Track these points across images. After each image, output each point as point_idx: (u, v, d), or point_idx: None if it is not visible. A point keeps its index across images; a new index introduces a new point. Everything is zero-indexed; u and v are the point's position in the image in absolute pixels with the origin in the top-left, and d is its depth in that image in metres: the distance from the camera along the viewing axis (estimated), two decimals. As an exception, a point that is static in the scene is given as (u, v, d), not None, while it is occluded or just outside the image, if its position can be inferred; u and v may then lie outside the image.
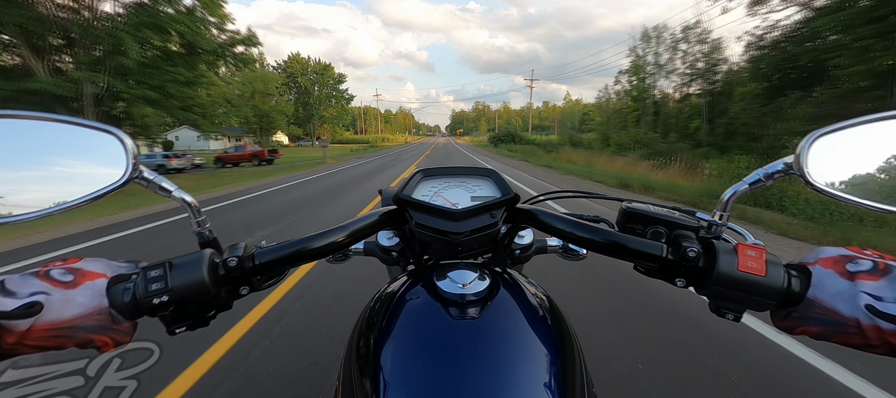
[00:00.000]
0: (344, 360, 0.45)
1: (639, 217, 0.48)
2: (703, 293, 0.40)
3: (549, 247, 0.75)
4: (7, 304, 0.30)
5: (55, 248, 4.19)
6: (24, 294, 0.31)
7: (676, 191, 7.96)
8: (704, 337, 2.11)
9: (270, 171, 14.97)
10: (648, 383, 1.73)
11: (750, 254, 0.37)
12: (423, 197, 0.54)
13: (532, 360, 0.37)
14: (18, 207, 0.35)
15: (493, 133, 52.26)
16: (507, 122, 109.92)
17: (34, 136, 0.36)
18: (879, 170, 0.37)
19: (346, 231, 0.47)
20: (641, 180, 9.51)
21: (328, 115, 67.23)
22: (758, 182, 0.40)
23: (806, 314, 0.35)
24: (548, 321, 0.43)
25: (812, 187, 0.37)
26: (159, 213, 6.07)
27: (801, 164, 0.37)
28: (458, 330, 0.39)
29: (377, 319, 0.44)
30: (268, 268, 0.42)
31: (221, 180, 11.88)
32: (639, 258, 0.43)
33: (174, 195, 0.40)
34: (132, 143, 0.38)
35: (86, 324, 0.33)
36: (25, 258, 3.84)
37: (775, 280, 0.36)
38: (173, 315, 0.37)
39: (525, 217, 0.53)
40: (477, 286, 0.42)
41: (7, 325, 0.29)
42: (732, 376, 1.78)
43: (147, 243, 4.45)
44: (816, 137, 0.37)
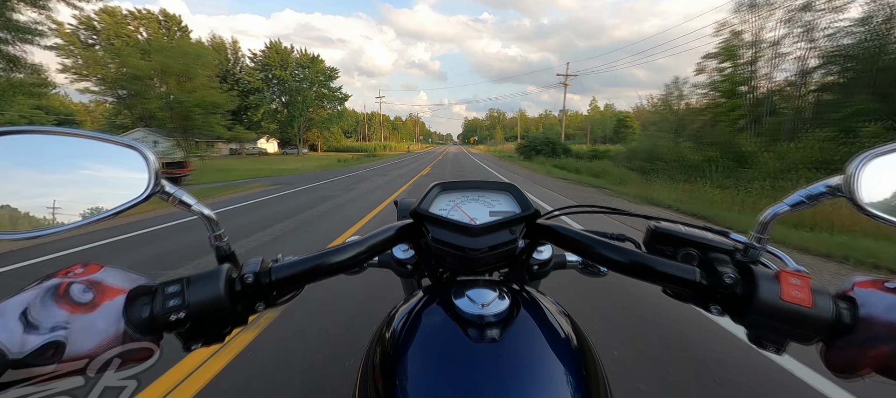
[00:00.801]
0: (360, 378, 0.44)
1: (669, 237, 0.45)
2: (741, 322, 0.37)
3: (569, 262, 0.73)
4: (30, 342, 0.29)
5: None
6: (46, 327, 0.30)
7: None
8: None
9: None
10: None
11: (794, 282, 0.35)
12: (440, 211, 0.53)
13: (556, 387, 0.35)
14: (45, 222, 0.36)
15: (524, 139, 35.86)
16: (526, 130, 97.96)
17: (61, 152, 0.37)
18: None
19: (363, 245, 0.46)
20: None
21: (317, 117, 54.96)
22: (800, 204, 0.37)
23: (866, 337, 0.32)
24: (571, 343, 0.41)
25: (862, 211, 0.35)
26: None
27: (851, 185, 0.34)
28: (477, 353, 0.37)
29: (393, 338, 0.43)
30: (285, 283, 0.42)
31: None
32: (669, 282, 0.41)
33: (194, 209, 0.40)
34: (154, 157, 0.39)
35: (104, 353, 0.33)
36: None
37: (824, 311, 0.33)
38: (190, 331, 0.36)
39: (545, 233, 0.52)
40: (497, 306, 0.41)
41: (30, 371, 0.29)
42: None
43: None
44: (871, 158, 0.34)
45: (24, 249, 4.22)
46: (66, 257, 4.09)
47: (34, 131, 0.36)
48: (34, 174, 0.36)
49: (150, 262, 3.84)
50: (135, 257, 4.07)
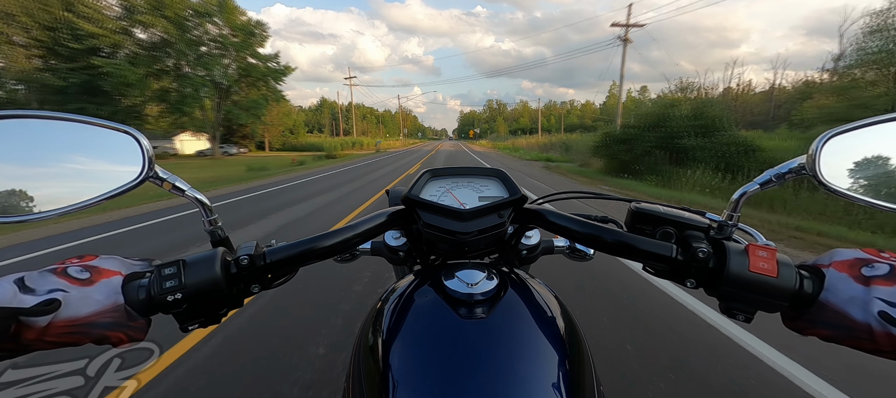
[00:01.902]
0: (353, 360, 0.45)
1: (648, 217, 0.47)
2: (713, 294, 0.40)
3: (556, 247, 0.75)
4: (26, 301, 0.31)
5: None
6: (42, 291, 0.32)
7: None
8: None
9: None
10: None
11: (761, 255, 0.37)
12: (431, 197, 0.55)
13: (541, 360, 0.37)
14: (37, 206, 0.37)
15: (610, 129, 15.28)
16: (532, 121, 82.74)
17: (53, 136, 0.37)
18: (894, 170, 0.37)
19: (354, 231, 0.48)
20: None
21: (242, 99, 31.77)
22: (769, 182, 0.40)
23: (817, 318, 0.35)
24: (556, 321, 0.43)
25: (825, 188, 0.37)
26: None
27: (813, 164, 0.37)
28: (466, 329, 0.39)
29: (385, 319, 0.44)
30: (278, 266, 0.43)
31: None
32: (648, 258, 0.43)
33: (188, 194, 0.41)
34: (148, 142, 0.39)
35: (102, 321, 0.34)
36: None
37: (787, 281, 0.36)
38: (186, 312, 0.38)
39: (533, 217, 0.53)
40: (485, 286, 0.42)
41: (27, 322, 0.30)
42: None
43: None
44: (829, 137, 0.37)
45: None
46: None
47: (28, 116, 0.36)
48: (28, 158, 0.37)
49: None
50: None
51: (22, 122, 0.36)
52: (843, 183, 0.38)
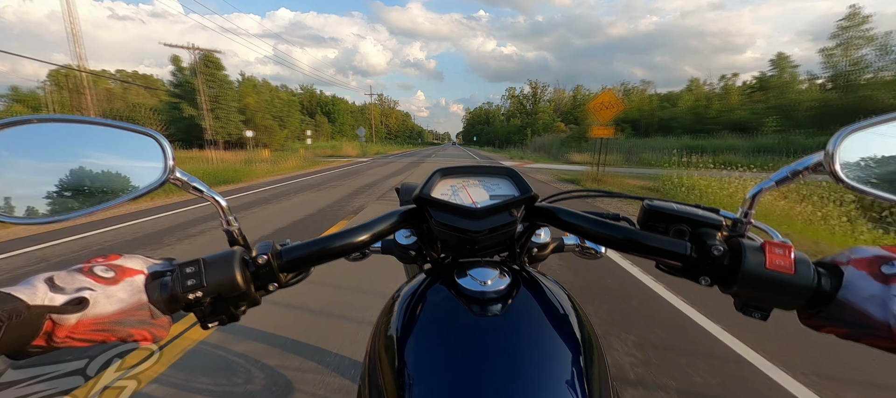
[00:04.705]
0: (368, 358, 0.46)
1: (661, 215, 0.47)
2: (729, 292, 0.40)
3: (567, 245, 0.75)
4: (57, 299, 0.32)
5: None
6: (71, 289, 0.33)
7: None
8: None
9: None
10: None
11: (777, 252, 0.37)
12: (442, 195, 0.55)
13: (556, 357, 0.37)
14: (65, 207, 0.38)
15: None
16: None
17: (80, 139, 0.39)
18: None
19: (367, 231, 0.49)
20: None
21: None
22: (785, 179, 0.40)
23: (835, 315, 0.35)
24: (570, 318, 0.43)
25: (843, 184, 0.37)
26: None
27: (831, 161, 0.36)
28: (481, 327, 0.39)
29: (399, 317, 0.45)
30: (293, 265, 0.45)
31: None
32: (661, 256, 0.44)
33: (206, 195, 0.43)
34: (169, 145, 0.41)
35: (128, 320, 0.35)
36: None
37: (804, 279, 0.36)
38: (207, 310, 0.39)
39: (544, 215, 0.54)
40: (498, 284, 0.43)
41: (58, 319, 0.32)
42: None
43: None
44: (847, 134, 0.37)
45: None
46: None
47: (57, 120, 0.38)
48: (55, 160, 0.38)
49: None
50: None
51: (52, 127, 0.38)
52: (860, 178, 0.38)
